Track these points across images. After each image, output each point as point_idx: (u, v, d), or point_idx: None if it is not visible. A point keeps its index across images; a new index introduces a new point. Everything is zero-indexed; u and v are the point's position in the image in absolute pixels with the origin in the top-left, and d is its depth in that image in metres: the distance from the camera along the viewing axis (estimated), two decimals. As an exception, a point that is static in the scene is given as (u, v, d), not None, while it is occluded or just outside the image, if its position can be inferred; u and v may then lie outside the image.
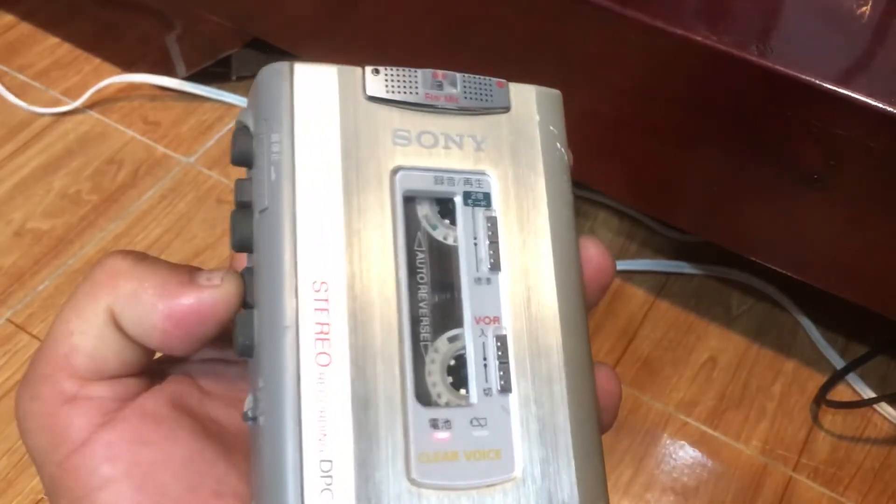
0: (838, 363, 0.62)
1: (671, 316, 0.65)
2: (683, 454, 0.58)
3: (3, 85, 0.77)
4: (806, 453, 0.58)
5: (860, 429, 0.59)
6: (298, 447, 0.20)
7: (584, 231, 0.70)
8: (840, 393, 0.61)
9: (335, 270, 0.21)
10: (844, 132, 0.43)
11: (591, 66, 0.49)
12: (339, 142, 0.22)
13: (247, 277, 0.22)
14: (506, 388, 0.22)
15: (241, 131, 0.23)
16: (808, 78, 0.42)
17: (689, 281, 0.67)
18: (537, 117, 0.25)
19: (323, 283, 0.21)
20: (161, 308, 0.21)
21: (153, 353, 0.23)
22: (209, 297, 0.22)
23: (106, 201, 0.70)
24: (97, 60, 0.80)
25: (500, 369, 0.22)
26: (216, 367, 0.25)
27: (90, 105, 0.76)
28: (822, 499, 0.56)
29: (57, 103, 0.76)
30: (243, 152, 0.22)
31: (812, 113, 0.43)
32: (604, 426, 0.24)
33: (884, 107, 0.41)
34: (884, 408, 0.59)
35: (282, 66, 0.22)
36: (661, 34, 0.45)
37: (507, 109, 0.24)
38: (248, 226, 0.22)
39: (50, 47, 0.82)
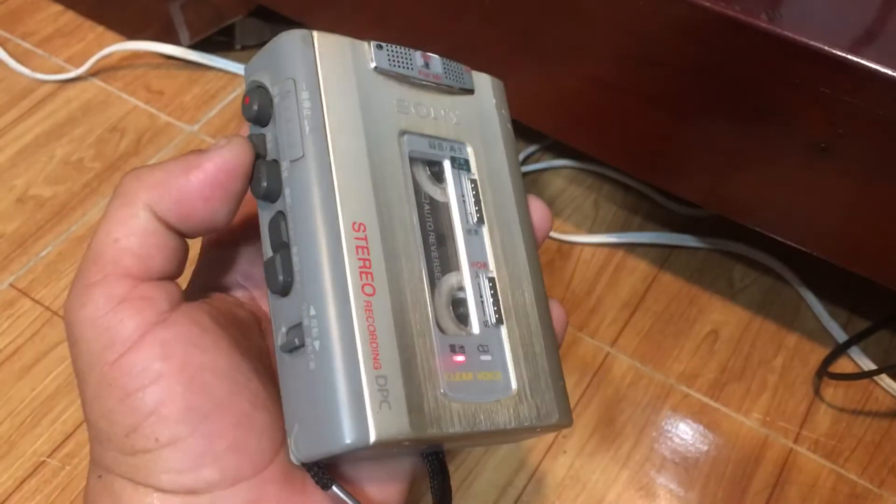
0: (841, 337, 0.62)
1: (674, 288, 0.65)
2: (684, 426, 0.58)
3: (7, 52, 0.76)
4: (807, 425, 0.58)
5: (861, 402, 0.59)
6: (356, 365, 0.22)
7: (587, 203, 0.70)
8: (842, 366, 0.61)
9: (369, 214, 0.24)
10: (853, 100, 0.43)
11: (597, 31, 0.49)
12: (358, 102, 0.25)
13: (273, 223, 0.24)
14: (499, 321, 0.26)
15: (258, 90, 0.25)
16: (817, 44, 0.42)
17: (692, 254, 0.67)
18: (494, 101, 0.29)
19: (361, 224, 0.23)
20: (193, 179, 0.23)
21: (187, 253, 0.25)
22: (228, 153, 0.23)
23: (108, 169, 0.70)
24: (101, 28, 0.80)
25: (494, 305, 0.26)
26: (228, 305, 0.26)
27: (93, 73, 0.76)
28: (822, 471, 0.56)
29: (60, 71, 0.76)
30: (263, 109, 0.25)
31: (821, 80, 0.43)
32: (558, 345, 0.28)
33: (894, 74, 0.40)
34: (885, 381, 0.59)
35: (304, 32, 0.25)
36: (669, -1, 0.44)
37: (472, 92, 0.28)
38: (276, 175, 0.24)
39: (53, 14, 0.81)
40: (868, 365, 0.60)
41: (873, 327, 0.61)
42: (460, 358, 0.24)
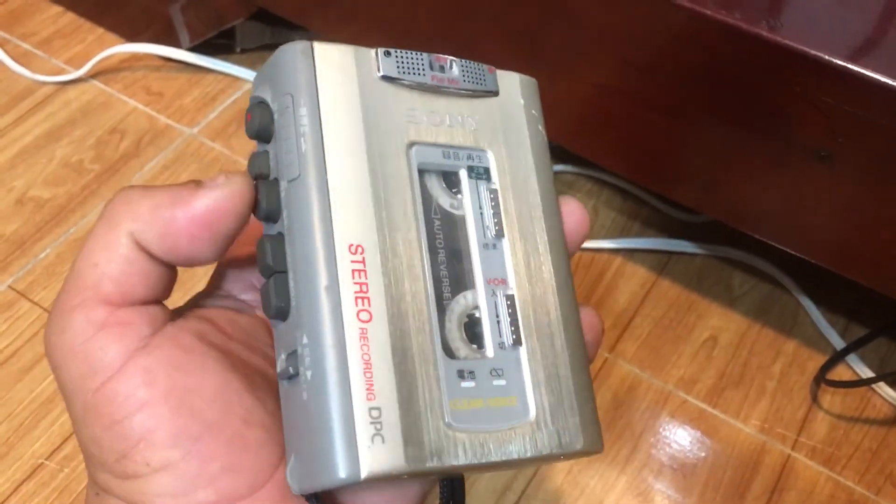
0: (839, 344, 0.62)
1: (673, 294, 0.65)
2: (682, 432, 0.58)
3: (7, 53, 0.76)
4: (804, 432, 0.58)
5: (859, 409, 0.59)
6: (348, 397, 0.21)
7: (586, 209, 0.70)
8: (840, 374, 0.61)
9: (368, 235, 0.22)
10: (853, 109, 0.43)
11: (599, 38, 0.49)
12: (361, 116, 0.23)
13: (272, 244, 0.23)
14: (517, 342, 0.24)
15: (260, 106, 0.24)
16: (818, 53, 0.42)
17: (691, 260, 0.67)
18: (522, 101, 0.27)
19: (358, 246, 0.22)
20: (181, 215, 0.22)
21: (175, 277, 0.24)
22: (222, 195, 0.22)
23: (108, 171, 0.70)
24: (100, 30, 0.80)
25: (511, 325, 0.24)
26: (230, 314, 0.25)
27: (93, 74, 0.76)
28: (819, 477, 0.56)
29: (60, 72, 0.76)
30: (264, 126, 0.24)
31: (821, 89, 0.43)
32: (590, 359, 0.26)
33: (894, 83, 0.41)
34: (883, 388, 0.60)
35: (303, 44, 0.23)
36: (670, 7, 0.45)
37: (496, 94, 0.27)
38: (275, 195, 0.23)
39: (53, 16, 0.81)
40: (866, 372, 0.61)
41: (871, 335, 0.61)
42: (469, 384, 0.23)
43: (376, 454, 0.20)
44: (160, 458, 0.21)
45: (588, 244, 0.67)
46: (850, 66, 0.41)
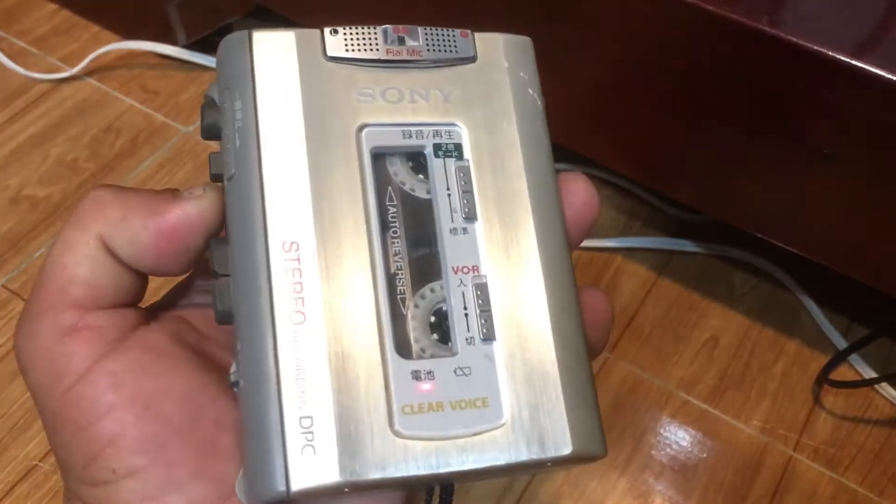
0: (841, 344, 0.61)
1: (673, 294, 0.64)
2: (683, 432, 0.57)
3: (1, 51, 0.76)
4: (807, 433, 0.58)
5: (861, 410, 0.59)
6: (278, 405, 0.19)
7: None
8: (842, 374, 0.61)
9: (304, 230, 0.21)
10: (857, 106, 0.42)
11: (601, 35, 0.49)
12: (302, 103, 0.22)
13: (216, 247, 0.22)
14: (489, 336, 0.22)
15: (209, 105, 0.23)
16: (821, 50, 0.42)
17: (692, 260, 0.66)
18: (506, 64, 0.24)
19: (293, 243, 0.20)
20: (151, 226, 0.21)
21: (146, 281, 0.23)
22: (194, 208, 0.22)
23: (103, 169, 0.69)
24: (96, 27, 0.79)
25: (481, 317, 0.22)
26: (208, 311, 0.24)
27: (89, 72, 0.76)
28: (822, 479, 0.56)
29: (55, 70, 0.75)
30: (211, 125, 0.22)
31: (825, 86, 0.43)
32: (597, 349, 0.24)
33: (898, 80, 0.40)
34: (885, 389, 0.59)
35: (241, 34, 0.22)
36: (672, 3, 0.44)
37: (473, 59, 0.24)
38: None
39: (48, 13, 0.80)
40: (868, 373, 0.60)
41: (873, 335, 0.61)
42: (427, 386, 0.21)
43: (307, 466, 0.19)
44: (126, 465, 0.21)
45: (588, 243, 0.66)
46: (854, 62, 0.41)
